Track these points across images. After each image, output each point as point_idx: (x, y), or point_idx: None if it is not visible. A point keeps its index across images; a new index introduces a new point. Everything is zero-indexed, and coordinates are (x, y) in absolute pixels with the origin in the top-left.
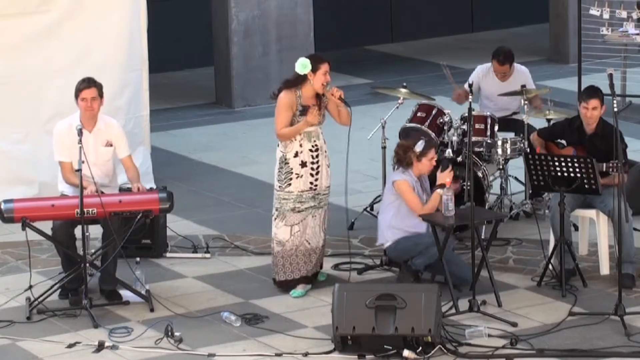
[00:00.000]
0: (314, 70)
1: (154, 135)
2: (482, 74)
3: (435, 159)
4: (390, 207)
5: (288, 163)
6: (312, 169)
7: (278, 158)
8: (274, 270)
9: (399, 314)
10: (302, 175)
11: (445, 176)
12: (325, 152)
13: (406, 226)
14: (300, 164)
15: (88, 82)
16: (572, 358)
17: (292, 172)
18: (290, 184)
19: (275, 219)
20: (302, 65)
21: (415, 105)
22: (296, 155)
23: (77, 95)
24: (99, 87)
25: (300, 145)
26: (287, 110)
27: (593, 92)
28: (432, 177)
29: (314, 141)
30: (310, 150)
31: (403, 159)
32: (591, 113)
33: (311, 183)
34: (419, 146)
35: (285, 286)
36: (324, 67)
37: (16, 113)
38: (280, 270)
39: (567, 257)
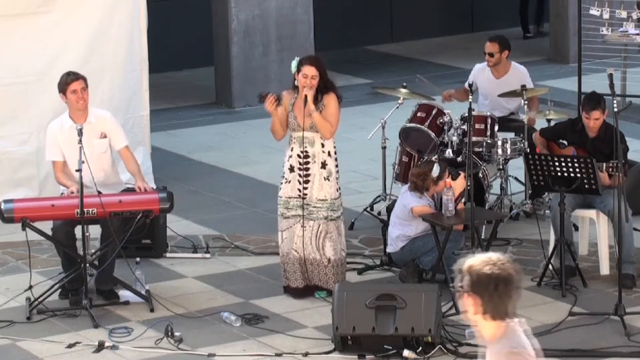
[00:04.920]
0: (298, 70)
1: (154, 135)
2: (478, 71)
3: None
4: (406, 227)
5: (284, 166)
6: (300, 175)
7: None
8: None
9: (399, 314)
10: (290, 181)
11: (460, 185)
12: (324, 162)
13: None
14: (289, 168)
15: (74, 75)
16: (572, 358)
17: (283, 176)
18: (281, 188)
19: None
20: (292, 65)
21: (415, 105)
22: (288, 159)
23: (64, 90)
24: (84, 78)
25: (292, 150)
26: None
27: (595, 102)
28: None
29: (305, 147)
30: (299, 156)
31: (422, 187)
32: (594, 123)
33: (299, 190)
34: (435, 171)
35: (288, 292)
36: (303, 69)
37: (20, 114)
38: (282, 275)
39: (567, 257)
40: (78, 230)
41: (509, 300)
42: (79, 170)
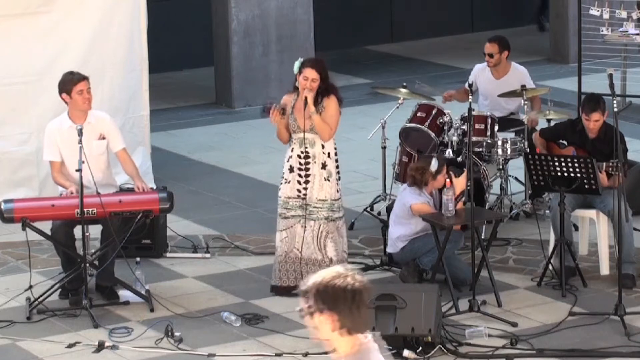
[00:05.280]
0: (300, 72)
1: (154, 135)
2: (478, 71)
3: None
4: (406, 226)
5: (283, 167)
6: (300, 176)
7: None
8: (272, 275)
9: (399, 314)
10: (289, 181)
11: (462, 183)
12: (324, 163)
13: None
14: (289, 169)
15: (79, 75)
16: (572, 358)
17: (283, 177)
18: (280, 189)
19: None
20: (295, 66)
21: (415, 105)
22: (288, 160)
23: (69, 90)
24: (88, 78)
25: (292, 150)
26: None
27: (595, 104)
28: None
29: (305, 148)
30: (299, 156)
31: (420, 181)
32: (594, 124)
33: (299, 191)
34: (434, 166)
35: (277, 291)
36: (305, 72)
37: (20, 114)
38: (274, 275)
39: (567, 257)
40: (78, 230)
41: (365, 312)
42: (79, 170)
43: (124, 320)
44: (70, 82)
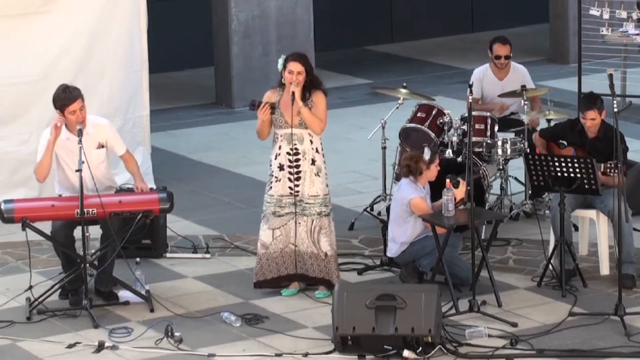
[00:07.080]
0: (284, 67)
1: (154, 135)
2: (481, 75)
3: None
4: (405, 225)
5: (271, 165)
6: (291, 173)
7: None
8: (254, 271)
9: (399, 314)
10: (280, 179)
11: (460, 192)
12: (313, 159)
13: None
14: (278, 167)
15: (71, 94)
16: (572, 358)
17: (272, 175)
18: (271, 187)
19: (262, 221)
20: (279, 62)
21: (415, 105)
22: (276, 157)
23: (61, 108)
24: (81, 94)
25: (280, 148)
26: None
27: (591, 103)
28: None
29: (294, 144)
30: (288, 154)
31: (415, 169)
32: (590, 123)
33: (290, 188)
34: (427, 154)
35: (265, 285)
36: (289, 66)
37: (20, 114)
38: (261, 271)
39: (567, 257)
40: (78, 231)
41: None
42: (79, 170)
43: (124, 321)
44: (63, 104)
